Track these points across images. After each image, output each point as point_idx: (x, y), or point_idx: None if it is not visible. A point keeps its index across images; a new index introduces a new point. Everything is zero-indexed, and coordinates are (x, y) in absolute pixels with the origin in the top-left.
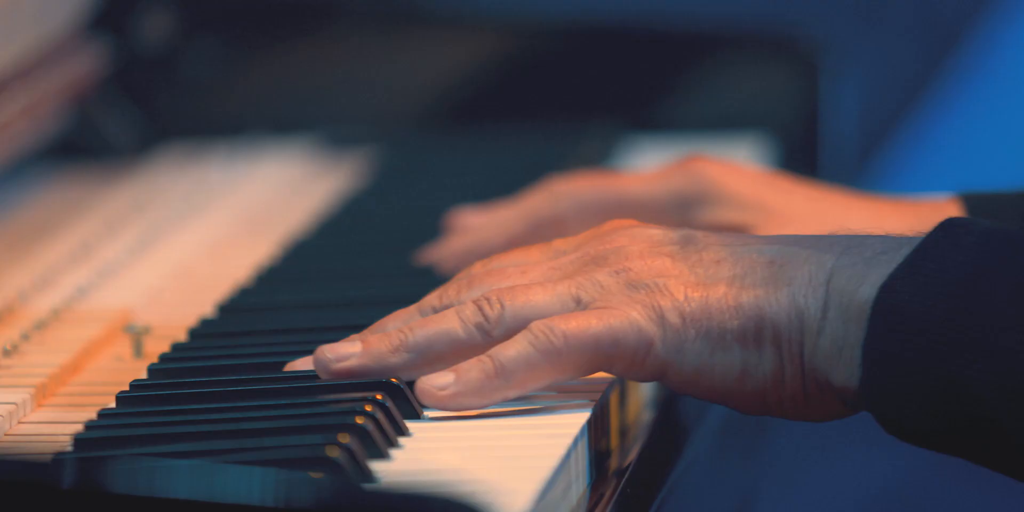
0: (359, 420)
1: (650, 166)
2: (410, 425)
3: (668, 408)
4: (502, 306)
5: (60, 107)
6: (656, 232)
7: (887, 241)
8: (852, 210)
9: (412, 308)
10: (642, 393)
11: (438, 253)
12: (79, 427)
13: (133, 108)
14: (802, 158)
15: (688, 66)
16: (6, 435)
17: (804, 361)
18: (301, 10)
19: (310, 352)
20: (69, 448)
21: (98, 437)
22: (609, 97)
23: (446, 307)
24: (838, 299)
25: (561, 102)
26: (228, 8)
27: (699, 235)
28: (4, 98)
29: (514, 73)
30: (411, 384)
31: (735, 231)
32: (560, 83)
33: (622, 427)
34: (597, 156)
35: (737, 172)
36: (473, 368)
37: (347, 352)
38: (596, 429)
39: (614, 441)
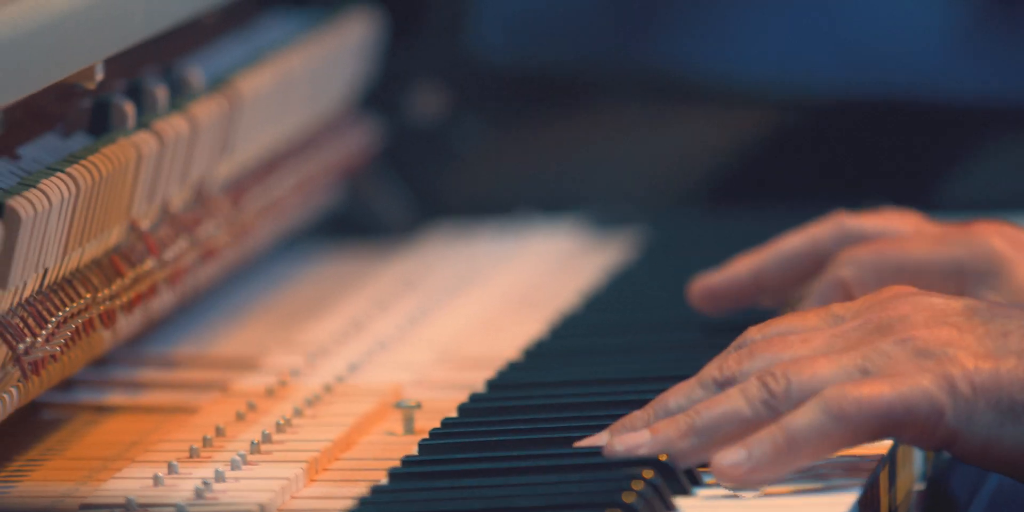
0: (628, 498)
1: None
2: (680, 502)
3: (939, 485)
4: (788, 381)
5: (332, 183)
6: (939, 301)
7: None
8: None
9: (692, 381)
10: (913, 469)
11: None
12: (351, 503)
13: (403, 185)
14: None
15: (966, 143)
16: (279, 510)
17: None
18: (567, 87)
19: (580, 428)
20: None
21: None
22: (881, 175)
23: (727, 379)
24: None
25: (831, 179)
26: (495, 85)
27: (983, 306)
28: (278, 174)
29: (782, 149)
30: None
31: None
32: (830, 160)
33: (892, 505)
34: None
35: (1021, 250)
36: (764, 441)
37: (637, 442)
38: (866, 507)
39: None
